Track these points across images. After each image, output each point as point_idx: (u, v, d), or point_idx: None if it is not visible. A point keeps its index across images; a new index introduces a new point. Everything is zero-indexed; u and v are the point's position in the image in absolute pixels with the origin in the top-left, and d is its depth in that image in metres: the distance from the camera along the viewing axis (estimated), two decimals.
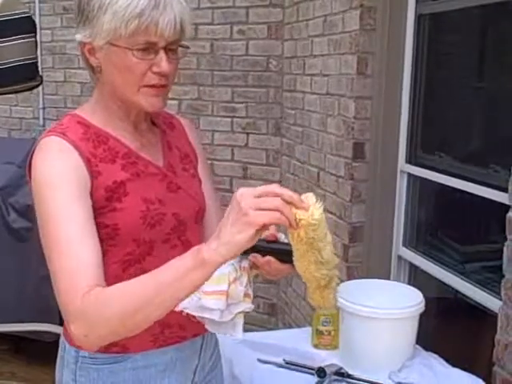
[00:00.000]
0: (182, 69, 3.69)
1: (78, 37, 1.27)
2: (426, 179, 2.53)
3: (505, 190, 1.95)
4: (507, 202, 1.89)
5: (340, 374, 1.75)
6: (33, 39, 2.43)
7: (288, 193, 1.03)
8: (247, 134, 3.71)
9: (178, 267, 1.06)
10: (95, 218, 1.22)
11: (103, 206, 1.24)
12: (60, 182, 1.19)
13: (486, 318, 2.32)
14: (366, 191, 2.69)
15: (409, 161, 2.60)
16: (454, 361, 1.96)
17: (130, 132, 1.33)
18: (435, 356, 1.88)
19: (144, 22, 1.18)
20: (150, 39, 1.20)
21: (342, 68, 2.71)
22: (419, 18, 2.48)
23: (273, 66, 3.57)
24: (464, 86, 2.50)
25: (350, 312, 1.81)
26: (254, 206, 1.00)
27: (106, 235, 1.25)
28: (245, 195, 1.02)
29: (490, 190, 2.08)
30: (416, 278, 2.66)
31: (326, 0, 2.86)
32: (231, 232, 1.02)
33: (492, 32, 2.40)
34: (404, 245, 2.67)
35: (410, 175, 2.61)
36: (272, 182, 3.68)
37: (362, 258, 2.74)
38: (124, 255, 1.28)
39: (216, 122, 3.72)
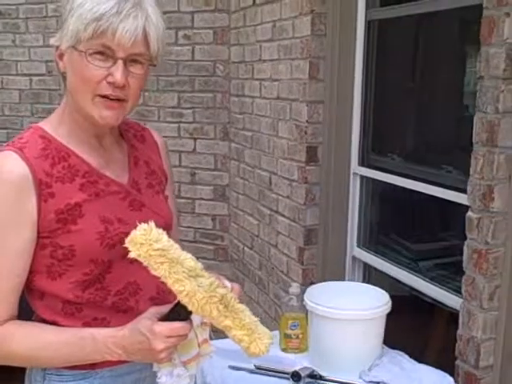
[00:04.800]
0: None
1: (52, 40, 1.27)
2: (378, 181, 2.59)
3: (457, 189, 2.03)
4: (459, 201, 1.97)
5: (312, 376, 1.77)
6: None
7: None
8: (194, 139, 3.70)
9: (84, 357, 1.24)
10: (50, 238, 1.22)
11: (56, 229, 1.22)
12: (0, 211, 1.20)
13: (440, 312, 2.41)
14: (320, 194, 2.73)
15: (361, 163, 2.66)
16: (412, 356, 2.02)
17: (94, 147, 1.31)
18: (401, 353, 1.93)
19: (101, 26, 1.17)
20: (107, 43, 1.19)
21: (294, 73, 2.75)
22: (369, 23, 2.54)
23: (219, 71, 3.57)
24: (414, 89, 2.58)
25: (319, 314, 1.84)
26: (168, 353, 1.19)
27: (63, 256, 1.24)
28: (158, 336, 1.16)
29: (442, 189, 2.15)
30: (370, 277, 2.72)
31: (274, 6, 2.89)
32: (139, 357, 1.21)
33: (436, 37, 2.49)
34: (358, 245, 2.72)
35: (362, 177, 2.67)
36: (221, 186, 3.69)
37: (317, 260, 2.78)
38: (82, 275, 1.26)
39: (163, 128, 3.69)
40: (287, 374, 1.77)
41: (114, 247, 1.26)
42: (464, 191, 1.87)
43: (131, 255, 1.12)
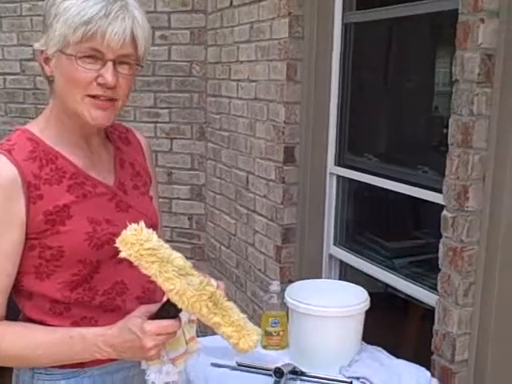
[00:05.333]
0: None
1: (36, 45, 1.27)
2: (354, 180, 2.64)
3: (432, 188, 2.09)
4: (434, 201, 2.03)
5: (294, 372, 1.81)
6: None
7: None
8: (171, 139, 3.72)
9: (73, 356, 1.25)
10: (38, 239, 1.24)
11: (44, 230, 1.24)
12: None
13: (415, 308, 2.47)
14: (297, 193, 2.77)
15: (338, 163, 2.71)
16: (388, 351, 2.07)
17: (81, 148, 1.33)
18: (380, 349, 1.98)
19: (90, 30, 1.19)
20: (96, 47, 1.21)
21: (271, 74, 2.78)
22: (345, 26, 2.59)
23: (196, 72, 3.60)
24: (389, 91, 2.64)
25: (300, 312, 1.87)
26: (157, 351, 1.20)
27: (51, 256, 1.26)
28: (148, 334, 1.17)
29: (417, 189, 2.20)
30: (346, 274, 2.78)
31: (252, 8, 2.92)
32: (129, 355, 1.22)
33: (411, 40, 2.55)
34: (335, 244, 2.77)
35: (339, 177, 2.72)
36: (197, 186, 3.71)
37: (295, 258, 2.82)
38: (71, 276, 1.28)
39: (139, 128, 3.65)
40: (269, 370, 1.80)
41: (102, 247, 1.28)
42: (439, 191, 1.92)
43: (122, 255, 1.14)
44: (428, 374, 1.85)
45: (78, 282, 1.29)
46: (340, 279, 2.75)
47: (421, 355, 2.03)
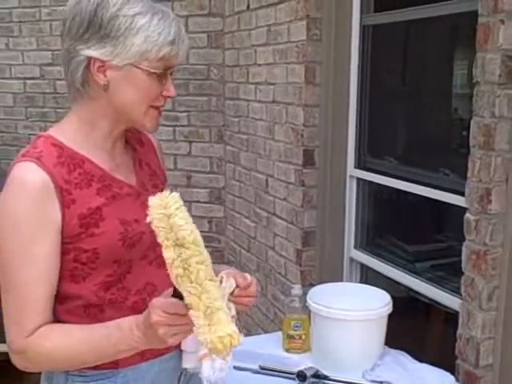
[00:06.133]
0: None
1: (93, 53, 1.25)
2: (374, 183, 2.63)
3: (453, 191, 2.08)
4: (456, 203, 2.02)
5: (317, 376, 1.81)
6: None
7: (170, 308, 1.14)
8: (190, 142, 3.73)
9: (111, 348, 1.23)
10: (73, 243, 1.26)
11: (79, 233, 1.26)
12: (24, 222, 1.22)
13: (437, 312, 2.45)
14: (317, 196, 2.77)
15: (357, 166, 2.70)
16: (411, 355, 2.06)
17: (106, 151, 1.35)
18: (403, 353, 1.97)
19: (174, 50, 1.26)
20: (169, 64, 1.28)
21: (289, 77, 2.78)
22: (363, 29, 2.58)
23: (214, 75, 3.61)
24: (409, 93, 2.62)
25: (323, 315, 1.87)
26: (169, 334, 1.14)
27: (87, 259, 1.28)
28: (154, 308, 1.14)
29: (438, 191, 2.19)
30: (368, 278, 2.76)
31: (269, 10, 2.92)
32: (150, 337, 1.17)
33: (430, 42, 2.53)
34: (355, 247, 2.76)
35: (358, 180, 2.71)
36: (216, 189, 3.72)
37: (315, 261, 2.82)
38: (105, 276, 1.30)
39: (158, 131, 3.70)
40: (292, 374, 1.80)
41: (135, 246, 1.31)
42: (461, 193, 1.91)
43: (148, 219, 1.11)
44: (452, 378, 1.84)
45: (112, 283, 1.31)
46: (361, 282, 2.73)
47: (444, 359, 2.02)
